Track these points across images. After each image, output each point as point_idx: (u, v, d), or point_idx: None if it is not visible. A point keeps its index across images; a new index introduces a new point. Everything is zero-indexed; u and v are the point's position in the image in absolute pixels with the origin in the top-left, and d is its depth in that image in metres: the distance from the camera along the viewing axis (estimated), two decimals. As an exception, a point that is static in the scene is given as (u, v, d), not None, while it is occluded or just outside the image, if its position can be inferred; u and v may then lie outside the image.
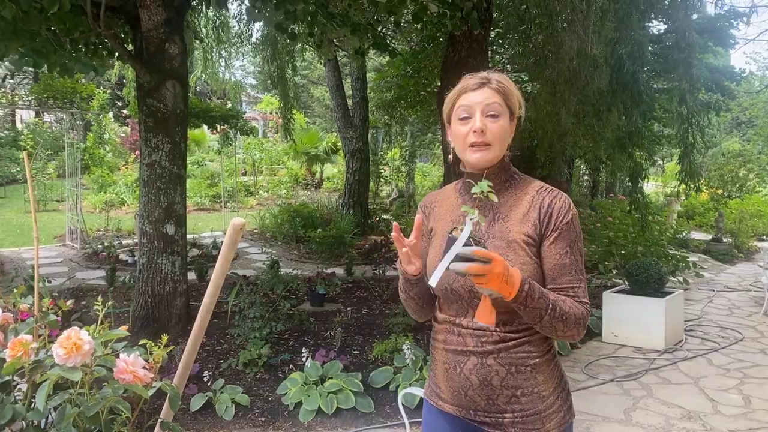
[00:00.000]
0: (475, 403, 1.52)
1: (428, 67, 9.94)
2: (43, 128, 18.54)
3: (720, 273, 9.83)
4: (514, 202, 1.54)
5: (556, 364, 1.58)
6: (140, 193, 5.32)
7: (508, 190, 1.56)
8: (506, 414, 1.50)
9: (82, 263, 8.57)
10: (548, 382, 1.52)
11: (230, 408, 3.89)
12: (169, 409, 1.63)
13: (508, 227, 1.51)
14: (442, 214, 1.65)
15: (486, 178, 1.50)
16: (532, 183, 1.57)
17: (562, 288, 1.48)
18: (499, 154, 1.53)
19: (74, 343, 1.28)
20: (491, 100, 1.49)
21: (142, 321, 5.12)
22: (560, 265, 1.48)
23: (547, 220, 1.48)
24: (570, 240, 1.48)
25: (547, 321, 1.41)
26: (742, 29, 33.27)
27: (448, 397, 1.59)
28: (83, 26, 4.66)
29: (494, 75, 1.54)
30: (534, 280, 1.45)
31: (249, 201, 16.12)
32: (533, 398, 1.50)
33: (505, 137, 1.52)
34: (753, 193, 16.25)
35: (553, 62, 5.68)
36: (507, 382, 1.49)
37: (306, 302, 6.41)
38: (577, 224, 1.50)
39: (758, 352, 5.55)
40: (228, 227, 1.66)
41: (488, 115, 1.49)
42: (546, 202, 1.50)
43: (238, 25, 11.34)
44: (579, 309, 1.46)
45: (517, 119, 1.56)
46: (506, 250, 1.48)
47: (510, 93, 1.52)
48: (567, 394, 1.59)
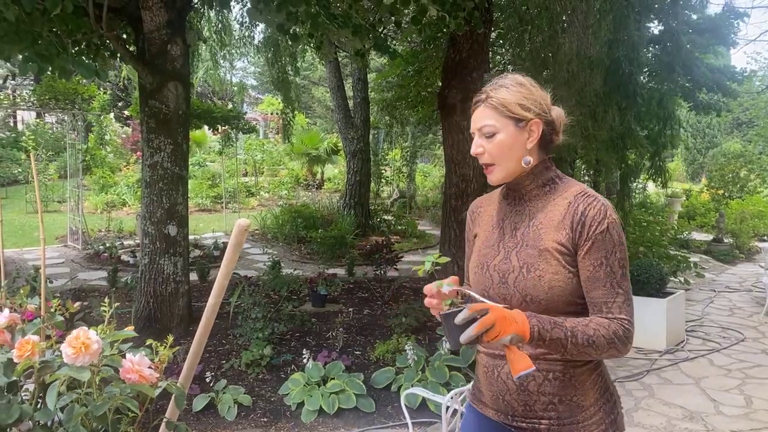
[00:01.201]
0: (513, 408, 1.50)
1: (429, 68, 9.95)
2: (44, 129, 18.57)
3: (721, 273, 9.83)
4: (551, 208, 1.48)
5: (600, 374, 1.52)
6: (142, 194, 5.33)
7: (547, 194, 1.51)
8: (543, 420, 1.47)
9: (84, 264, 8.58)
10: (590, 392, 1.47)
11: (232, 408, 3.90)
12: (174, 408, 1.64)
13: (541, 235, 1.46)
14: (485, 220, 1.63)
15: (521, 187, 1.52)
16: (572, 187, 1.50)
17: (595, 303, 1.41)
18: (511, 168, 1.48)
19: (83, 342, 1.29)
20: (484, 122, 1.48)
21: (144, 321, 5.13)
22: (593, 278, 1.40)
23: (580, 228, 1.41)
24: (605, 250, 1.40)
25: (572, 349, 1.35)
26: (742, 29, 33.32)
27: (488, 401, 1.57)
28: (85, 28, 4.67)
29: (496, 86, 1.49)
30: (567, 291, 1.41)
31: (250, 202, 16.13)
32: (571, 407, 1.45)
33: (511, 151, 1.47)
34: (754, 193, 16.23)
35: (552, 64, 5.69)
36: (544, 388, 1.45)
37: (307, 303, 6.42)
38: (615, 232, 1.41)
39: (759, 352, 5.56)
40: (231, 228, 1.67)
41: (485, 136, 1.48)
42: (580, 210, 1.43)
43: (240, 27, 11.35)
44: (608, 328, 1.37)
45: (543, 120, 1.49)
46: (537, 258, 1.44)
47: (507, 104, 1.46)
48: (613, 406, 1.52)
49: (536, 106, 1.48)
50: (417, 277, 8.06)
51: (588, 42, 5.17)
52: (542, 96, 1.51)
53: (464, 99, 6.17)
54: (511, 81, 1.50)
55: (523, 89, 1.49)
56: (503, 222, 1.56)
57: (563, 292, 1.41)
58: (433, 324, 5.53)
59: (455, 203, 6.26)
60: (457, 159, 6.25)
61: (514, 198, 1.56)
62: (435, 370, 4.21)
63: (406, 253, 9.64)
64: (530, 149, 1.48)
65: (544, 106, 1.50)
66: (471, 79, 6.20)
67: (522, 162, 1.48)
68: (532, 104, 1.47)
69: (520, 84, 1.50)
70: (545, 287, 1.41)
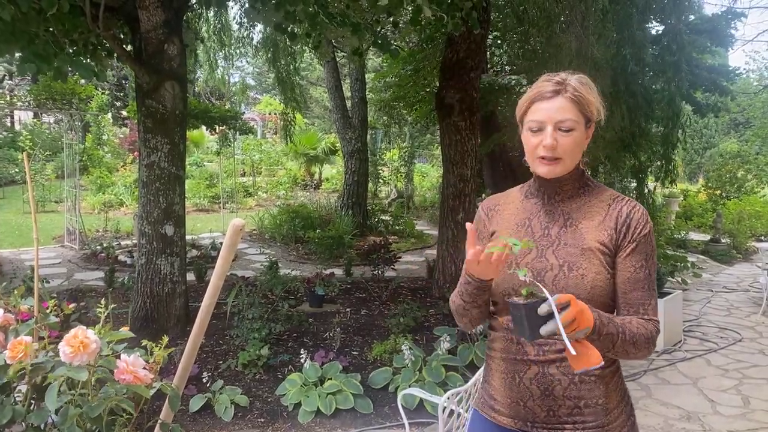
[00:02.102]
0: (534, 414, 1.47)
1: (427, 68, 9.95)
2: (41, 129, 18.54)
3: (718, 273, 9.84)
4: (588, 209, 1.49)
5: (620, 376, 1.53)
6: (139, 194, 5.32)
7: (581, 196, 1.52)
8: (567, 425, 1.44)
9: (81, 264, 8.56)
10: (613, 395, 1.47)
11: (229, 409, 3.89)
12: (168, 409, 1.63)
13: (582, 234, 1.46)
14: (506, 218, 1.60)
15: (559, 186, 1.50)
16: (606, 191, 1.53)
17: (632, 304, 1.43)
18: (570, 166, 1.47)
19: (81, 341, 1.28)
20: (564, 116, 1.42)
21: (141, 322, 5.11)
22: (634, 279, 1.43)
23: (625, 230, 1.44)
24: (646, 254, 1.43)
25: (619, 346, 1.35)
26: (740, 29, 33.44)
27: (504, 409, 1.53)
28: (82, 27, 4.66)
29: (572, 80, 1.45)
30: (606, 291, 1.42)
31: (248, 202, 16.12)
32: (597, 410, 1.43)
33: (578, 149, 1.46)
34: (751, 193, 16.26)
35: (552, 64, 5.69)
36: (570, 392, 1.43)
37: (305, 303, 6.41)
38: (653, 238, 1.45)
39: (757, 352, 5.56)
40: (227, 228, 1.66)
41: (560, 129, 1.42)
42: (624, 212, 1.45)
43: (239, 27, 11.34)
44: (647, 328, 1.41)
45: (596, 123, 1.50)
46: (579, 257, 1.43)
47: (587, 102, 1.44)
48: (631, 408, 1.52)
49: (599, 113, 1.49)
50: (415, 276, 8.06)
51: (589, 42, 5.16)
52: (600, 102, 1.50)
53: (462, 99, 6.18)
54: (586, 80, 1.48)
55: (595, 91, 1.48)
56: (530, 221, 1.54)
57: (603, 293, 1.42)
58: (430, 324, 5.53)
59: (453, 203, 6.25)
60: (454, 159, 6.25)
61: (543, 197, 1.54)
62: (432, 370, 4.20)
63: (403, 253, 9.64)
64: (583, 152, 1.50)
65: (599, 111, 1.50)
66: (469, 79, 6.21)
67: (581, 160, 1.50)
68: (599, 110, 1.48)
69: (591, 84, 1.48)
70: (588, 287, 1.41)
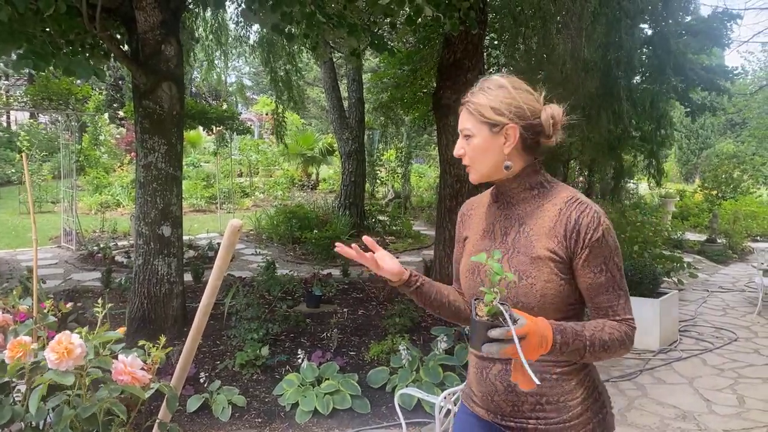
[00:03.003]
0: (501, 408, 1.52)
1: (424, 68, 9.97)
2: (37, 129, 18.49)
3: (714, 273, 9.87)
4: (541, 214, 1.47)
5: (589, 374, 1.51)
6: (136, 195, 5.32)
7: (535, 198, 1.49)
8: (530, 420, 1.48)
9: (78, 265, 8.55)
10: (576, 392, 1.47)
11: (227, 409, 3.89)
12: (166, 410, 1.64)
13: (532, 242, 1.45)
14: (475, 222, 1.62)
15: (509, 190, 1.51)
16: (562, 192, 1.49)
17: (601, 307, 1.42)
18: (488, 171, 1.49)
19: (66, 347, 1.28)
20: (463, 125, 1.50)
21: (139, 322, 5.11)
22: (596, 285, 1.41)
23: (575, 237, 1.40)
24: (603, 257, 1.40)
25: (589, 356, 1.35)
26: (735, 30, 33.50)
27: (479, 401, 1.59)
28: (79, 28, 4.66)
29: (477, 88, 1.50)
30: (558, 298, 1.41)
31: (245, 202, 16.11)
32: (558, 407, 1.46)
33: (485, 155, 1.47)
34: (747, 194, 16.32)
35: (546, 65, 5.71)
36: (531, 389, 1.45)
37: (302, 303, 6.42)
38: (610, 237, 1.41)
39: (752, 352, 5.59)
40: (224, 229, 1.67)
41: (465, 137, 1.50)
42: (573, 218, 1.41)
43: (236, 27, 11.34)
44: (620, 330, 1.39)
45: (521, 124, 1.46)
46: (529, 266, 1.43)
47: (480, 108, 1.46)
48: (601, 406, 1.51)
49: (513, 111, 1.45)
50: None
51: (581, 44, 5.19)
52: (526, 99, 1.47)
53: (459, 100, 6.13)
54: (492, 83, 1.48)
55: (503, 92, 1.46)
56: (493, 226, 1.55)
57: (555, 300, 1.42)
58: (427, 324, 5.54)
59: (450, 203, 6.27)
60: (451, 159, 6.26)
61: (502, 201, 1.55)
62: (429, 370, 4.21)
63: (401, 253, 9.65)
64: (509, 153, 1.46)
65: (525, 110, 1.46)
66: (466, 80, 6.21)
67: (502, 167, 1.47)
68: (508, 108, 1.45)
69: (500, 87, 1.47)
70: (537, 295, 1.41)
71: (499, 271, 1.24)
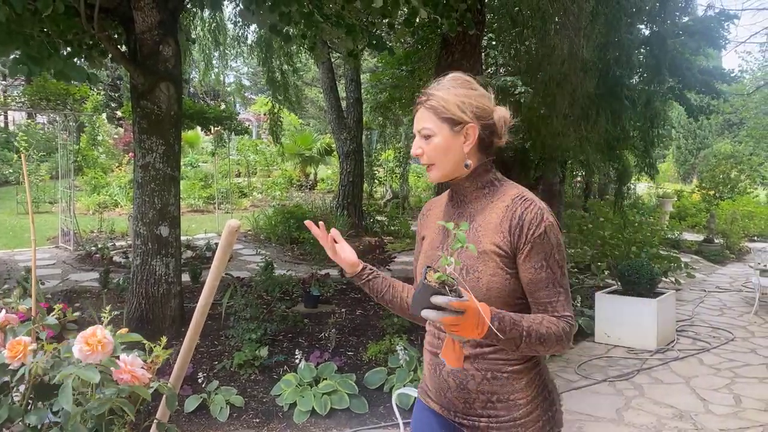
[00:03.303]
0: (454, 405, 1.55)
1: (422, 69, 9.97)
2: (35, 130, 18.47)
3: (711, 273, 9.90)
4: (490, 211, 1.50)
5: (539, 373, 1.54)
6: (134, 195, 5.32)
7: (486, 196, 1.53)
8: (482, 418, 1.51)
9: (76, 265, 8.54)
10: (526, 391, 1.50)
11: (225, 409, 3.90)
12: (165, 409, 1.65)
13: (480, 237, 1.48)
14: (432, 221, 1.67)
15: (462, 188, 1.54)
16: (511, 190, 1.52)
17: (540, 303, 1.45)
18: (447, 170, 1.51)
19: (100, 340, 1.29)
20: (422, 124, 1.50)
21: (136, 323, 5.11)
22: (536, 280, 1.43)
23: (518, 232, 1.43)
24: (545, 253, 1.43)
25: (524, 347, 1.38)
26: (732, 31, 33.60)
27: (434, 396, 1.62)
28: (77, 28, 4.66)
29: (437, 87, 1.51)
30: (504, 291, 1.44)
31: (243, 202, 16.10)
32: (509, 405, 1.49)
33: (447, 154, 1.49)
34: (744, 194, 16.35)
35: (545, 65, 5.72)
36: (482, 387, 1.49)
37: (300, 304, 6.42)
38: (552, 234, 1.44)
39: (749, 351, 5.60)
40: (222, 229, 1.68)
41: (423, 138, 1.50)
42: (517, 214, 1.45)
43: (234, 27, 11.34)
44: (558, 325, 1.41)
45: (480, 124, 1.49)
46: (476, 260, 1.46)
47: (444, 107, 1.47)
48: (551, 404, 1.54)
49: (474, 110, 1.48)
50: (410, 277, 8.06)
51: (580, 44, 5.20)
52: (482, 99, 1.50)
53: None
54: (452, 82, 1.50)
55: (462, 92, 1.49)
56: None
57: (501, 294, 1.45)
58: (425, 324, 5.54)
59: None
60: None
61: (457, 200, 1.59)
62: (427, 370, 4.22)
63: (398, 253, 9.65)
64: (468, 152, 1.49)
65: (483, 110, 1.49)
66: (463, 80, 6.22)
67: (462, 165, 1.50)
68: (469, 108, 1.48)
69: (459, 86, 1.50)
70: (483, 289, 1.44)
71: (462, 240, 1.26)
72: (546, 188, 11.57)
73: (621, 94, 6.25)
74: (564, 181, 13.04)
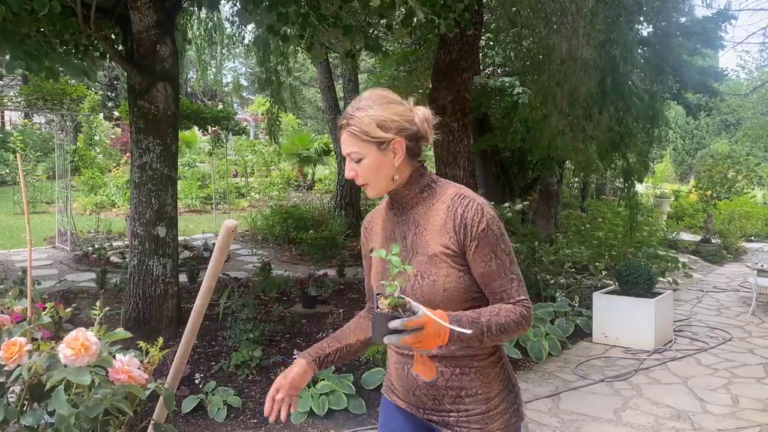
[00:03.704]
0: (423, 402, 1.58)
1: (420, 69, 9.98)
2: (32, 129, 18.42)
3: (709, 273, 9.91)
4: (433, 214, 1.53)
5: (503, 366, 1.59)
6: (131, 195, 5.30)
7: (426, 200, 1.55)
8: (452, 413, 1.55)
9: (73, 265, 8.52)
10: (493, 384, 1.55)
11: (222, 410, 3.89)
12: (162, 410, 1.64)
13: (428, 241, 1.51)
14: (376, 233, 1.67)
15: (401, 197, 1.55)
16: (449, 189, 1.55)
17: (495, 292, 1.49)
18: (383, 185, 1.53)
19: (83, 344, 1.28)
20: (349, 149, 1.50)
21: (133, 323, 5.10)
22: (488, 272, 1.47)
23: (463, 231, 1.47)
24: (491, 245, 1.46)
25: (487, 341, 1.42)
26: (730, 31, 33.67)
27: (401, 395, 1.65)
28: (73, 28, 4.64)
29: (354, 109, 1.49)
30: (461, 289, 1.48)
31: (240, 203, 16.08)
32: (477, 399, 1.53)
33: (379, 172, 1.50)
34: (741, 194, 16.38)
35: (544, 65, 5.72)
36: (452, 383, 1.53)
37: (298, 304, 6.41)
38: (495, 226, 1.48)
39: (746, 351, 5.61)
40: (219, 229, 1.67)
41: (354, 160, 1.51)
42: (459, 213, 1.48)
43: (231, 27, 11.32)
44: (516, 312, 1.46)
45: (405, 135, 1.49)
46: (428, 264, 1.49)
47: (367, 131, 1.46)
48: (514, 396, 1.60)
49: (396, 124, 1.48)
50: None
51: (579, 43, 5.20)
52: (402, 111, 1.51)
53: (454, 100, 6.20)
54: (368, 102, 1.50)
55: (380, 108, 1.48)
56: (393, 233, 1.60)
57: (458, 291, 1.48)
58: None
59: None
60: (447, 160, 6.27)
61: (398, 208, 1.60)
62: (425, 370, 4.21)
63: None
64: (399, 165, 1.50)
65: (405, 121, 1.50)
66: (461, 80, 6.23)
67: (392, 179, 1.52)
68: (391, 124, 1.48)
69: (376, 104, 1.49)
70: (440, 290, 1.47)
71: (397, 264, 1.30)
72: (543, 188, 11.59)
73: (626, 91, 6.24)
74: (561, 181, 13.07)
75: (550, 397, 4.43)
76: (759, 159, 22.64)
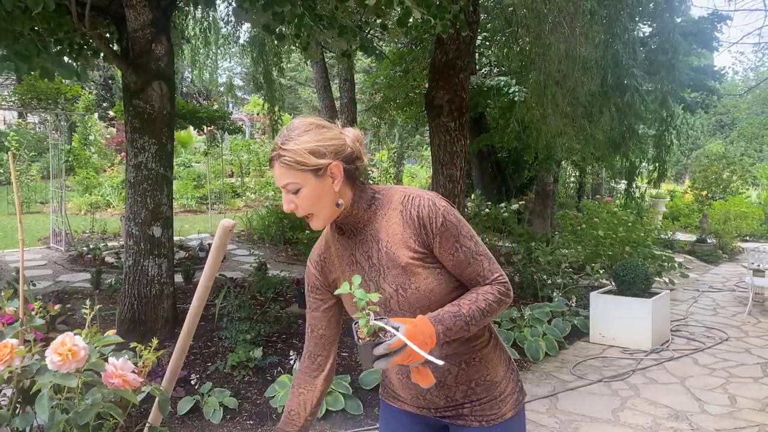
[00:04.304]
0: (435, 403, 1.59)
1: (416, 69, 9.97)
2: (26, 129, 18.33)
3: (705, 273, 9.93)
4: (388, 224, 1.49)
5: (500, 347, 1.62)
6: (126, 195, 5.27)
7: (376, 213, 1.51)
8: (465, 405, 1.57)
9: (67, 266, 8.47)
10: (497, 368, 1.58)
11: (218, 411, 3.86)
12: (157, 413, 1.61)
13: (395, 253, 1.48)
14: (336, 263, 1.59)
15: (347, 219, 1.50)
16: (394, 195, 1.51)
17: (470, 278, 1.49)
18: (329, 212, 1.47)
19: (70, 349, 1.25)
20: (285, 180, 1.43)
21: (129, 324, 5.07)
22: (458, 262, 1.47)
23: (424, 230, 1.45)
24: (453, 236, 1.46)
25: (474, 328, 1.44)
26: (725, 32, 33.81)
27: (408, 401, 1.64)
28: (68, 26, 4.61)
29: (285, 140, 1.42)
30: (444, 285, 1.47)
31: (236, 202, 16.03)
32: (487, 386, 1.56)
33: (319, 199, 1.43)
34: (736, 194, 16.43)
35: (541, 64, 5.71)
36: (461, 378, 1.55)
37: (294, 304, 6.38)
38: (451, 217, 1.46)
39: (743, 351, 5.61)
40: (215, 229, 1.65)
41: (291, 192, 1.44)
42: (414, 215, 1.46)
43: (225, 26, 11.28)
44: (493, 291, 1.47)
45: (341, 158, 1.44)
46: (405, 275, 1.47)
47: (301, 161, 1.40)
48: (516, 375, 1.64)
49: (330, 149, 1.43)
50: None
51: (577, 42, 5.18)
52: (332, 135, 1.46)
53: (451, 100, 6.19)
54: (298, 131, 1.44)
55: (310, 135, 1.43)
56: (354, 257, 1.55)
57: (442, 288, 1.48)
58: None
59: (442, 204, 6.24)
60: (444, 160, 6.26)
61: (350, 231, 1.54)
62: (422, 371, 4.20)
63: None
64: (340, 189, 1.45)
65: (338, 145, 1.45)
66: (458, 80, 6.21)
67: (335, 204, 1.46)
68: (325, 148, 1.43)
69: (307, 131, 1.44)
70: (427, 295, 1.47)
71: (362, 296, 1.29)
72: (540, 188, 11.60)
73: (628, 90, 6.22)
74: (557, 181, 13.08)
75: (547, 397, 4.42)
76: (753, 159, 22.74)
